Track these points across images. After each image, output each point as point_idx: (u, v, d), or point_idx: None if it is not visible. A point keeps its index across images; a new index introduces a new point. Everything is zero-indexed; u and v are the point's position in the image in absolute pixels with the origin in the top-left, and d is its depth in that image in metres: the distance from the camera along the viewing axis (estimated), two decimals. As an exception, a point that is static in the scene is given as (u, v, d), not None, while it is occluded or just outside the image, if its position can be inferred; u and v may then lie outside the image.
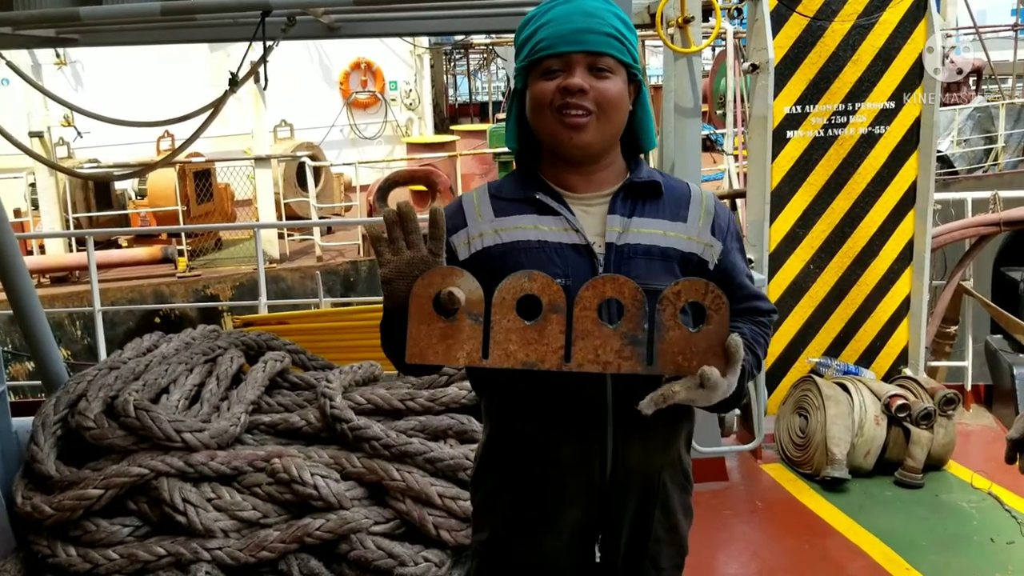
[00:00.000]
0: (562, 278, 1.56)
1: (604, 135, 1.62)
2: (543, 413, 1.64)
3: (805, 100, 4.51)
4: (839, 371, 4.55)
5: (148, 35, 4.03)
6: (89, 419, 3.19)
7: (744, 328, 1.66)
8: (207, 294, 10.40)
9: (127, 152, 12.84)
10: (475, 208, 1.70)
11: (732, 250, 1.71)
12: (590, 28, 1.59)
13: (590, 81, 1.58)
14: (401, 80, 19.18)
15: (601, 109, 1.59)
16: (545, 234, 1.63)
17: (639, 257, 1.61)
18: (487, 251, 1.65)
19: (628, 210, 1.65)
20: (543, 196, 1.65)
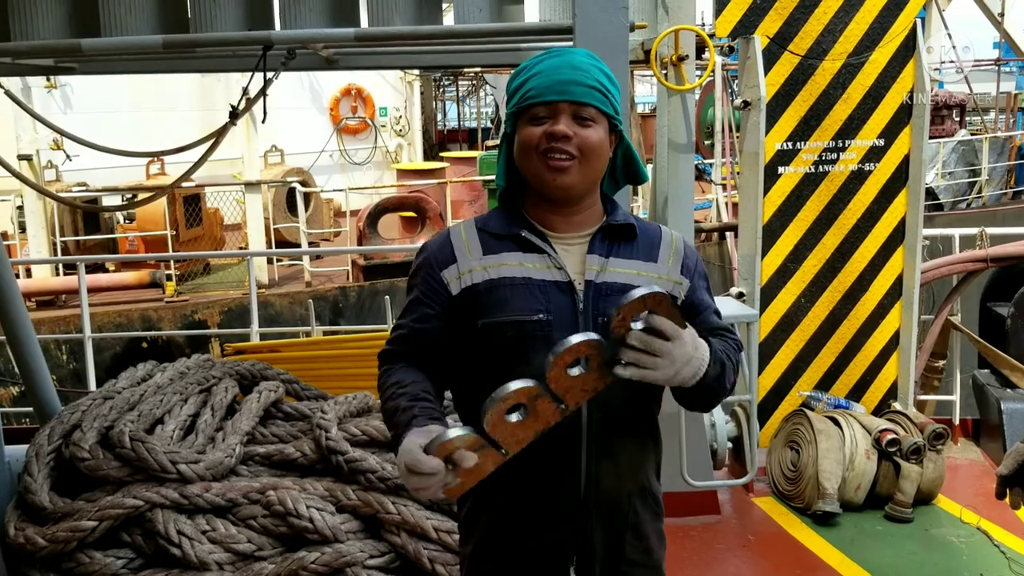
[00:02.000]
0: (543, 313, 1.71)
1: (585, 178, 1.75)
2: None
3: (796, 136, 4.58)
4: (830, 405, 4.59)
5: (146, 65, 4.06)
6: (84, 450, 3.18)
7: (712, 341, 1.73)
8: (195, 319, 10.37)
9: (116, 175, 12.82)
10: (464, 243, 1.80)
11: (699, 287, 1.85)
12: (576, 80, 1.72)
13: (574, 128, 1.72)
14: (391, 106, 19.29)
15: (583, 154, 1.72)
16: (529, 271, 1.75)
17: (615, 295, 1.70)
18: (475, 287, 1.75)
19: (606, 250, 1.78)
20: (528, 234, 1.77)
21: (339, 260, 12.25)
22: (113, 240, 11.85)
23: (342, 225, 13.72)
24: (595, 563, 1.78)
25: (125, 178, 12.98)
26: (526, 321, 1.72)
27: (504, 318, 1.73)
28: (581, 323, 1.72)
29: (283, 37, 3.41)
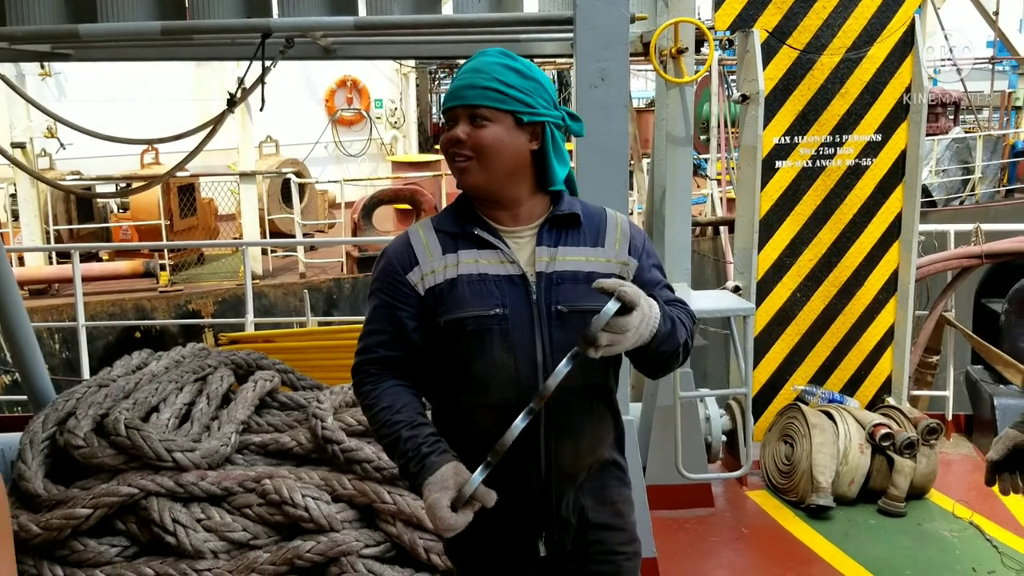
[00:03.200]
0: (500, 308, 1.79)
1: (491, 176, 1.81)
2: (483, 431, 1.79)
3: (794, 131, 4.58)
4: (824, 399, 4.60)
5: (143, 52, 4.03)
6: (79, 437, 3.17)
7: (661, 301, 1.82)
8: (189, 309, 10.34)
9: (110, 164, 12.76)
10: (424, 245, 1.87)
11: (647, 266, 1.92)
12: (471, 84, 1.79)
13: (469, 131, 1.79)
14: (386, 98, 19.24)
15: (479, 154, 1.79)
16: (484, 267, 1.82)
17: (566, 283, 1.82)
18: (438, 287, 1.83)
19: (553, 240, 1.86)
20: (481, 231, 1.85)
21: (333, 252, 12.23)
22: (107, 229, 11.81)
23: (337, 217, 13.70)
24: (565, 534, 1.87)
25: (119, 167, 12.93)
26: (484, 316, 1.80)
27: (464, 314, 1.80)
28: (535, 313, 1.80)
29: (282, 25, 3.40)
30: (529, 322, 1.80)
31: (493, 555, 1.90)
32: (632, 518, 1.98)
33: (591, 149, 3.18)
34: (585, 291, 1.80)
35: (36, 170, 10.52)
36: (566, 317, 1.80)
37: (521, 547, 1.87)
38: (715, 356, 9.14)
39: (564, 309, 1.80)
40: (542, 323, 1.80)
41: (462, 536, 1.84)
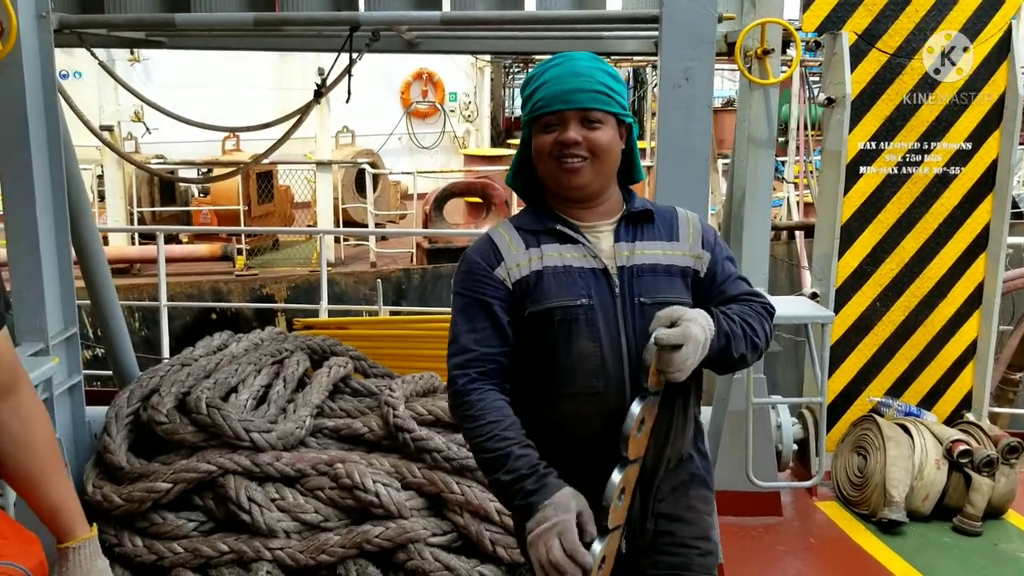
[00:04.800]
0: (586, 298, 1.85)
1: (598, 175, 1.89)
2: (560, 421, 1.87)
3: (880, 136, 4.48)
4: (901, 412, 4.49)
5: (234, 42, 4.14)
6: (161, 414, 3.28)
7: (732, 306, 1.90)
8: (263, 293, 10.57)
9: (192, 149, 13.12)
10: (507, 242, 1.93)
11: (720, 259, 1.98)
12: (580, 88, 1.85)
13: (582, 132, 1.85)
14: (461, 92, 19.35)
15: (593, 154, 1.86)
16: (569, 260, 1.89)
17: (646, 275, 1.89)
18: (524, 279, 1.89)
19: (631, 236, 1.93)
20: (562, 227, 1.91)
21: (403, 242, 12.36)
22: (187, 213, 12.14)
23: (408, 208, 13.84)
24: (643, 528, 1.91)
25: (201, 153, 13.28)
26: (571, 306, 1.85)
27: (551, 304, 1.85)
28: (619, 305, 1.86)
29: (370, 19, 3.45)
30: (614, 313, 1.85)
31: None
32: (709, 517, 1.99)
33: (672, 149, 3.16)
34: (665, 283, 1.89)
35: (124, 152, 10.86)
36: (648, 308, 1.85)
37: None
38: (785, 363, 8.99)
39: (647, 301, 1.86)
40: (626, 314, 1.85)
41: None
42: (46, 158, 3.27)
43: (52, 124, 3.29)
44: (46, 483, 1.72)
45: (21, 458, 1.70)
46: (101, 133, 5.17)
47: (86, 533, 1.75)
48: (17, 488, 1.74)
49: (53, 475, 1.73)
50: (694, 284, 1.94)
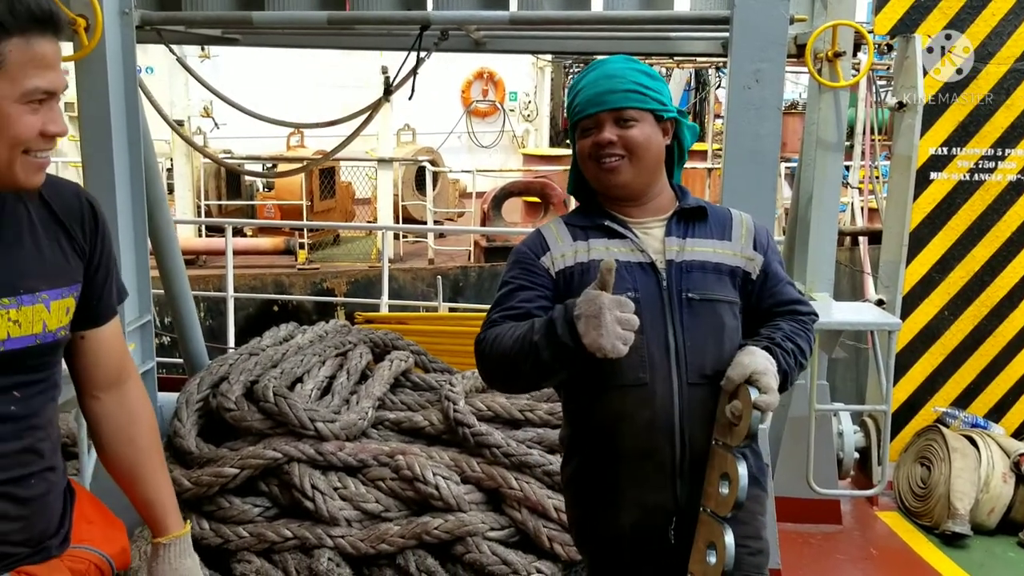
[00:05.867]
0: (632, 291, 1.82)
1: (639, 172, 1.90)
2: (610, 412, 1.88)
3: (952, 142, 4.40)
4: (967, 423, 4.40)
5: (307, 40, 4.23)
6: (230, 401, 3.36)
7: (782, 324, 1.93)
8: (323, 287, 10.73)
9: (258, 145, 13.38)
10: (555, 234, 1.96)
11: (772, 261, 1.98)
12: (611, 89, 1.88)
13: (617, 132, 1.88)
14: (521, 91, 19.40)
15: (631, 152, 1.88)
16: (615, 254, 1.88)
17: (695, 271, 1.89)
18: (568, 270, 1.91)
19: (682, 232, 1.93)
20: (611, 223, 1.93)
21: (461, 240, 12.45)
22: (252, 206, 12.39)
23: (467, 206, 13.93)
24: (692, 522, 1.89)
25: (266, 148, 13.54)
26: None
27: None
28: (666, 299, 1.86)
29: (440, 18, 3.49)
30: (660, 307, 1.86)
31: (624, 544, 1.92)
32: (761, 517, 1.98)
33: (741, 151, 3.14)
34: (714, 280, 1.90)
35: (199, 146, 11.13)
36: (696, 305, 1.87)
37: (652, 536, 1.89)
38: (845, 370, 8.83)
39: (695, 296, 1.87)
40: (673, 308, 1.86)
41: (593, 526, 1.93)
42: (126, 151, 3.39)
43: (132, 118, 3.40)
44: (144, 476, 1.74)
45: (123, 449, 1.73)
46: (165, 130, 5.32)
47: (179, 530, 1.76)
48: (116, 478, 1.76)
49: (152, 469, 1.75)
50: (743, 285, 1.95)
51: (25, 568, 1.54)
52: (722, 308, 1.90)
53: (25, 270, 1.50)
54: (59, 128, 1.45)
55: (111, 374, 1.72)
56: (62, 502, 1.64)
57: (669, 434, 1.84)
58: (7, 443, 1.50)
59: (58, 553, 1.60)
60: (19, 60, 1.38)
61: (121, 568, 1.76)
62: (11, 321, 1.47)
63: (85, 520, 1.70)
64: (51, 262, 1.55)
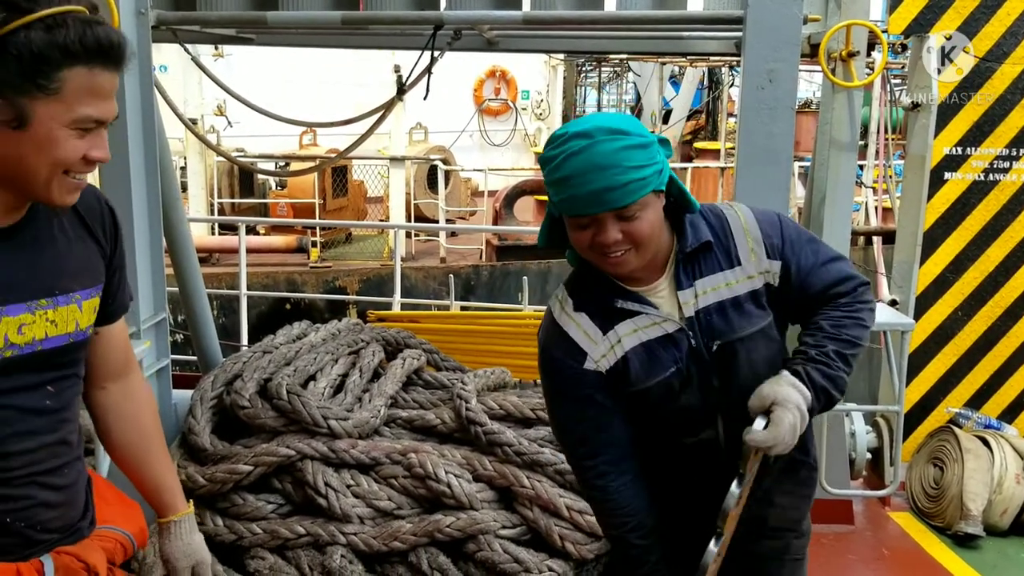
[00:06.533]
0: (674, 365, 1.80)
1: (645, 256, 1.77)
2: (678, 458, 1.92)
3: (967, 142, 4.38)
4: (980, 424, 4.39)
5: (321, 39, 4.25)
6: (244, 398, 3.38)
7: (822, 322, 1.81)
8: (336, 285, 10.77)
9: (270, 143, 13.44)
10: (582, 334, 1.85)
11: (796, 254, 1.83)
12: (609, 186, 1.64)
13: (621, 227, 1.70)
14: (533, 90, 19.40)
15: (636, 243, 1.72)
16: (644, 335, 1.82)
17: (714, 315, 1.80)
18: (614, 367, 1.83)
19: (689, 276, 1.82)
20: (623, 303, 1.82)
21: (473, 239, 12.47)
22: (265, 205, 12.44)
23: (479, 205, 13.95)
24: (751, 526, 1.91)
25: (279, 147, 13.60)
26: (664, 380, 1.82)
27: (646, 385, 1.83)
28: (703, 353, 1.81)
29: (454, 18, 3.50)
30: (698, 365, 1.81)
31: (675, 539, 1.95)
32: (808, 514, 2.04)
33: (754, 151, 3.15)
34: (735, 316, 1.81)
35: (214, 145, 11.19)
36: (727, 350, 1.81)
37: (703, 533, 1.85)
38: (858, 371, 8.80)
39: (722, 343, 1.80)
40: (707, 363, 1.81)
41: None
42: (142, 149, 3.41)
43: (148, 116, 3.43)
44: (151, 461, 1.83)
45: (130, 436, 1.81)
46: (179, 128, 5.35)
47: (185, 509, 1.87)
48: (123, 465, 1.84)
49: (157, 453, 1.85)
50: (771, 296, 1.84)
51: (63, 549, 1.62)
52: (752, 341, 1.82)
53: (60, 271, 1.56)
54: (102, 155, 1.48)
55: (118, 366, 1.80)
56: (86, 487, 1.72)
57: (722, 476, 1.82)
58: (45, 435, 1.57)
59: (88, 534, 1.69)
60: (77, 88, 1.40)
61: (140, 546, 1.85)
62: (49, 321, 1.53)
63: (104, 502, 1.78)
64: (81, 263, 1.61)
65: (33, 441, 1.54)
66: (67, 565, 1.62)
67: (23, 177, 1.43)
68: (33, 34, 1.34)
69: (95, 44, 1.39)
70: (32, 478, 1.56)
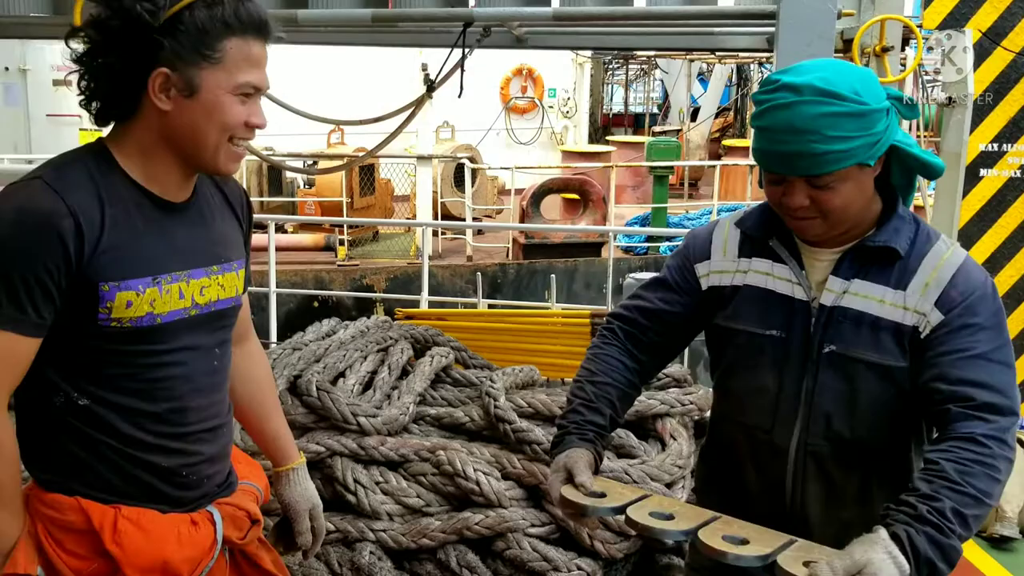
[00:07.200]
0: (777, 330, 1.69)
1: (836, 226, 1.64)
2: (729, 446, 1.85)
3: (1003, 138, 4.32)
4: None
5: (351, 37, 4.26)
6: (274, 395, 3.41)
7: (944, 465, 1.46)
8: (363, 283, 10.81)
9: (299, 142, 13.51)
10: (723, 241, 1.80)
11: (958, 327, 1.56)
12: (802, 152, 1.53)
13: (810, 193, 1.59)
14: (560, 88, 19.37)
15: (825, 215, 1.61)
16: (774, 283, 1.71)
17: (847, 322, 1.63)
18: (720, 288, 1.78)
19: (852, 272, 1.66)
20: (777, 244, 1.73)
21: (500, 237, 12.46)
22: (293, 203, 12.51)
23: (505, 203, 13.95)
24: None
25: (307, 145, 13.67)
26: (759, 334, 1.72)
27: (739, 326, 1.75)
28: (809, 346, 1.67)
29: (484, 15, 3.51)
30: (802, 353, 1.68)
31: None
32: None
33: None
34: (868, 336, 1.62)
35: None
36: (836, 360, 1.64)
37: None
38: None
39: (838, 350, 1.64)
40: (811, 359, 1.67)
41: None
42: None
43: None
44: (269, 415, 2.07)
45: (253, 392, 2.03)
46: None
47: (300, 458, 2.11)
48: (246, 419, 2.05)
49: (275, 408, 2.10)
50: (915, 345, 1.60)
51: (222, 500, 1.83)
52: (867, 371, 1.62)
53: (223, 242, 1.78)
54: (261, 120, 1.67)
55: (243, 331, 2.00)
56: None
57: (780, 495, 1.72)
58: (213, 394, 1.78)
59: (236, 488, 1.90)
60: (236, 57, 1.59)
61: (266, 500, 2.03)
62: (219, 286, 1.74)
63: (235, 460, 1.96)
64: (232, 237, 1.82)
65: (205, 399, 1.74)
66: (231, 514, 1.81)
67: (196, 144, 1.61)
68: (197, 12, 1.54)
69: (248, 17, 1.59)
70: (201, 434, 1.74)
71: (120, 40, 1.55)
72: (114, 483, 1.66)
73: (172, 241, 1.67)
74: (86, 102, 1.63)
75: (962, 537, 1.43)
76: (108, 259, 1.57)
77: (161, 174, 1.65)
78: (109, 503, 1.65)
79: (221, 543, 1.78)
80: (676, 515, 1.61)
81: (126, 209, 1.61)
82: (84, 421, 1.63)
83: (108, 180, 1.60)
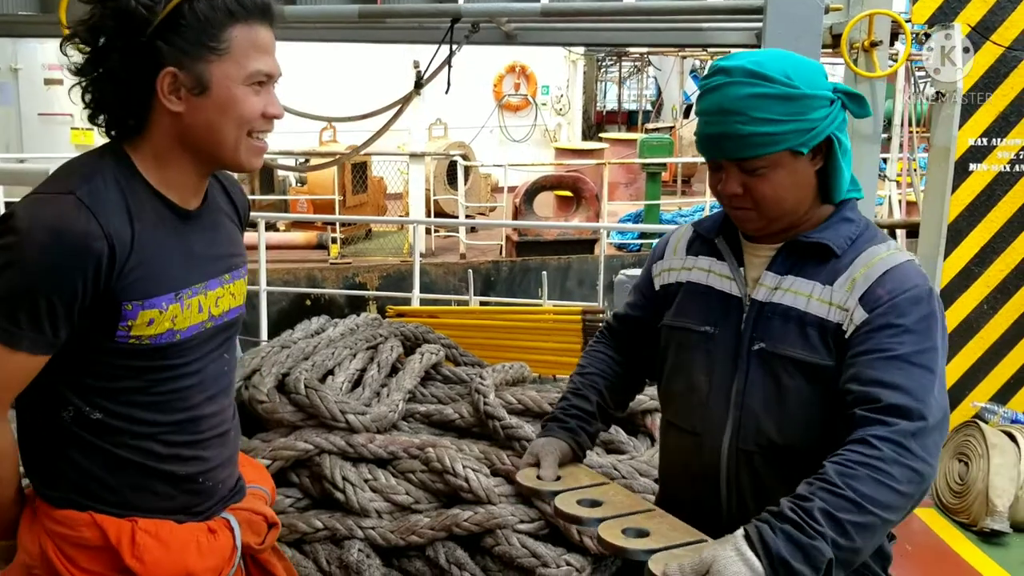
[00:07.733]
0: (710, 326, 1.68)
1: (775, 220, 1.61)
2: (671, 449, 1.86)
3: (992, 133, 4.32)
4: (1006, 419, 4.33)
5: (338, 34, 4.23)
6: (262, 393, 3.38)
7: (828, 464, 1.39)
8: (356, 281, 10.79)
9: (290, 140, 13.48)
10: (676, 242, 1.85)
11: (880, 326, 1.49)
12: (728, 133, 1.52)
13: (743, 180, 1.57)
14: (553, 85, 19.36)
15: (759, 205, 1.59)
16: (714, 279, 1.72)
17: (776, 318, 1.60)
18: (668, 287, 1.81)
19: (786, 267, 1.63)
20: (720, 242, 1.73)
21: (493, 234, 12.45)
22: (285, 202, 12.48)
23: (499, 200, 13.94)
24: None
25: (298, 143, 13.64)
26: (694, 330, 1.71)
27: (679, 323, 1.75)
28: (740, 343, 1.63)
29: (472, 10, 3.50)
30: (733, 351, 1.64)
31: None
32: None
33: (774, 143, 3.10)
34: (795, 333, 1.57)
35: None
36: (765, 358, 1.60)
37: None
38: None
39: (767, 348, 1.60)
40: (742, 356, 1.63)
41: None
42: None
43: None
44: None
45: None
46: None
47: None
48: None
49: None
50: (837, 343, 1.54)
51: (235, 505, 1.80)
52: (795, 369, 1.56)
53: (231, 248, 1.75)
54: (277, 110, 1.61)
55: None
56: None
57: (715, 499, 1.66)
58: (226, 398, 1.76)
59: (246, 491, 1.87)
60: (243, 45, 1.53)
61: (272, 503, 2.02)
62: (231, 294, 1.72)
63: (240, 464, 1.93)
64: (237, 239, 1.80)
65: (217, 405, 1.71)
66: (248, 519, 1.78)
67: (215, 143, 1.56)
68: (196, 4, 1.48)
69: (250, 2, 1.54)
70: (213, 440, 1.71)
71: (118, 43, 1.48)
72: (128, 496, 1.61)
73: (190, 253, 1.63)
74: (92, 116, 1.56)
75: (837, 543, 1.32)
76: (134, 278, 1.52)
77: (177, 180, 1.60)
78: (124, 516, 1.60)
79: (240, 550, 1.74)
80: (604, 504, 1.57)
81: (151, 223, 1.56)
82: (96, 434, 1.57)
83: (133, 191, 1.54)
